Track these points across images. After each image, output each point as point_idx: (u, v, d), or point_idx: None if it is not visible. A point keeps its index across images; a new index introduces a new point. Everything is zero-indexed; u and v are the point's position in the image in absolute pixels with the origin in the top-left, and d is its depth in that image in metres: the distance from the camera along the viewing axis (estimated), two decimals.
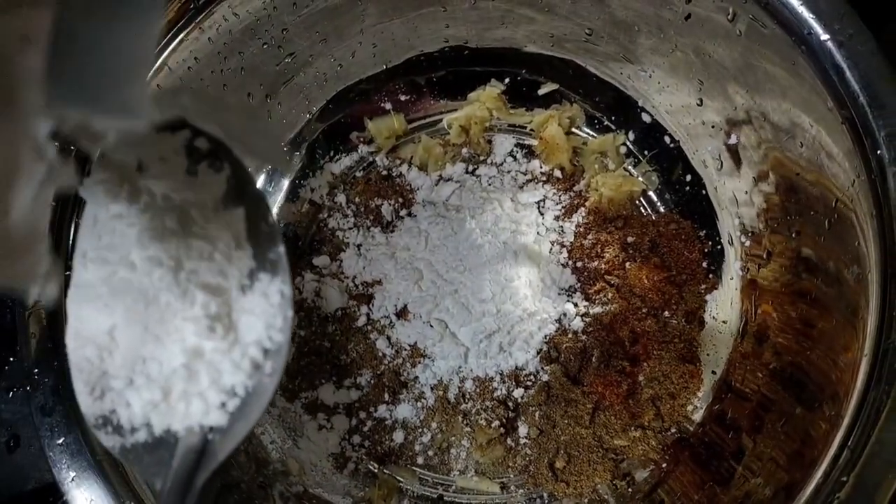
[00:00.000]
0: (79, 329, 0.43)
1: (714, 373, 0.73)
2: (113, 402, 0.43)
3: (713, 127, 0.74)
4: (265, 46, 0.73)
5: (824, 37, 0.58)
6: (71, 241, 0.61)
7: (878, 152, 0.55)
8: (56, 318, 0.59)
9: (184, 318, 0.43)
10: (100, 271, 0.43)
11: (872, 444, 0.50)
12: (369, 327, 0.77)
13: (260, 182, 0.83)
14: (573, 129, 0.84)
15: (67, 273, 0.46)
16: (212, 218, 0.44)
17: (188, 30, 0.66)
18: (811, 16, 0.58)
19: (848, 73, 0.57)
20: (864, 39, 0.57)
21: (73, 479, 0.55)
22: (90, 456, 0.56)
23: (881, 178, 0.54)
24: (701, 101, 0.73)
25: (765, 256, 0.71)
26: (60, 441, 0.56)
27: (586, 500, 0.72)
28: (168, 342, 0.43)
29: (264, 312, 0.43)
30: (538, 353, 0.74)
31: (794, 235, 0.67)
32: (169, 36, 0.65)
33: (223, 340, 0.43)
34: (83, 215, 0.44)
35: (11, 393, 0.78)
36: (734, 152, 0.72)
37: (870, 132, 0.55)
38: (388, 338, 0.77)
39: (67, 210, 0.61)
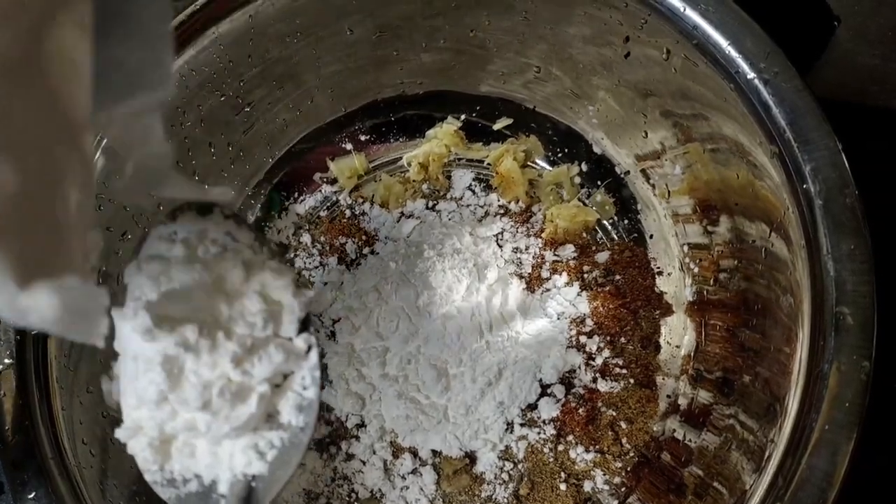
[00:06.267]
0: (133, 395, 0.48)
1: (669, 396, 0.76)
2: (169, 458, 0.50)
3: (658, 158, 0.76)
4: (223, 98, 0.75)
5: (751, 75, 0.60)
6: None
7: (805, 186, 0.57)
8: (25, 378, 0.61)
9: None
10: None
11: (803, 469, 0.52)
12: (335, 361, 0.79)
13: None
14: (529, 163, 0.86)
15: None
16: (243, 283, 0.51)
17: None
18: (738, 55, 0.61)
19: (774, 110, 0.59)
20: (789, 77, 0.60)
21: None
22: None
23: (809, 210, 0.57)
24: (646, 133, 0.76)
25: (712, 282, 0.73)
26: (31, 496, 0.58)
27: None
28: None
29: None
30: None
31: (737, 263, 0.69)
32: None
33: None
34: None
35: None
36: (678, 181, 0.75)
37: (797, 166, 0.58)
38: (357, 370, 0.79)
39: None
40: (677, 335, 0.77)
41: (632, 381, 0.76)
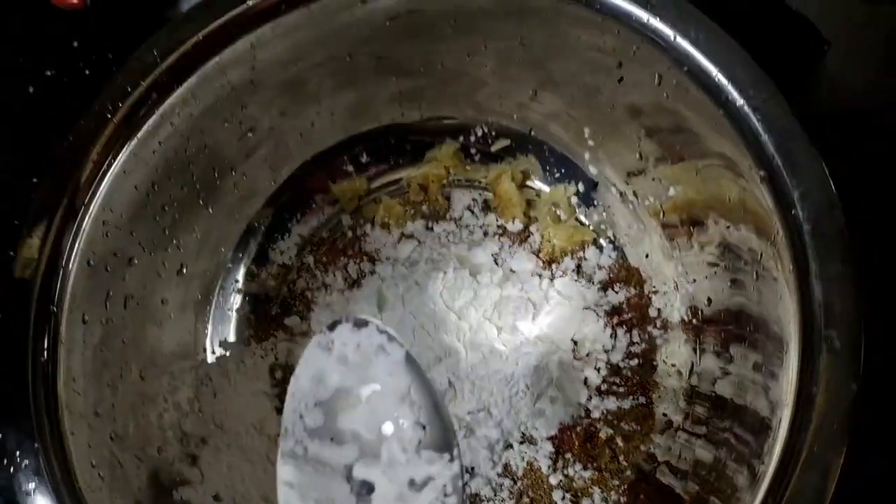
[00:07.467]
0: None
1: (665, 413, 0.77)
2: None
3: (653, 180, 0.78)
4: (226, 124, 0.76)
5: (740, 102, 0.62)
6: None
7: (793, 211, 0.58)
8: (36, 402, 0.62)
9: None
10: None
11: (793, 487, 0.53)
12: None
13: (231, 249, 0.87)
14: (527, 183, 0.88)
15: None
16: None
17: (151, 117, 0.70)
18: (727, 82, 0.62)
19: (763, 136, 0.61)
20: (777, 103, 0.61)
21: None
22: None
23: (798, 234, 0.58)
24: (640, 154, 0.78)
25: (706, 301, 0.75)
26: None
27: None
28: None
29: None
30: None
31: (730, 283, 0.71)
32: (133, 126, 0.69)
33: None
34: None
35: (5, 461, 0.81)
36: (672, 202, 0.77)
37: (786, 191, 0.59)
38: None
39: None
40: (673, 353, 0.79)
41: (628, 398, 0.77)
